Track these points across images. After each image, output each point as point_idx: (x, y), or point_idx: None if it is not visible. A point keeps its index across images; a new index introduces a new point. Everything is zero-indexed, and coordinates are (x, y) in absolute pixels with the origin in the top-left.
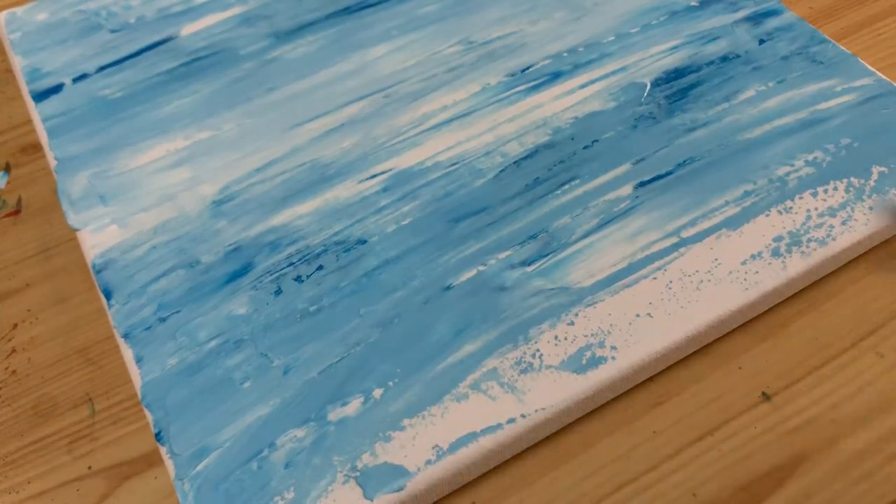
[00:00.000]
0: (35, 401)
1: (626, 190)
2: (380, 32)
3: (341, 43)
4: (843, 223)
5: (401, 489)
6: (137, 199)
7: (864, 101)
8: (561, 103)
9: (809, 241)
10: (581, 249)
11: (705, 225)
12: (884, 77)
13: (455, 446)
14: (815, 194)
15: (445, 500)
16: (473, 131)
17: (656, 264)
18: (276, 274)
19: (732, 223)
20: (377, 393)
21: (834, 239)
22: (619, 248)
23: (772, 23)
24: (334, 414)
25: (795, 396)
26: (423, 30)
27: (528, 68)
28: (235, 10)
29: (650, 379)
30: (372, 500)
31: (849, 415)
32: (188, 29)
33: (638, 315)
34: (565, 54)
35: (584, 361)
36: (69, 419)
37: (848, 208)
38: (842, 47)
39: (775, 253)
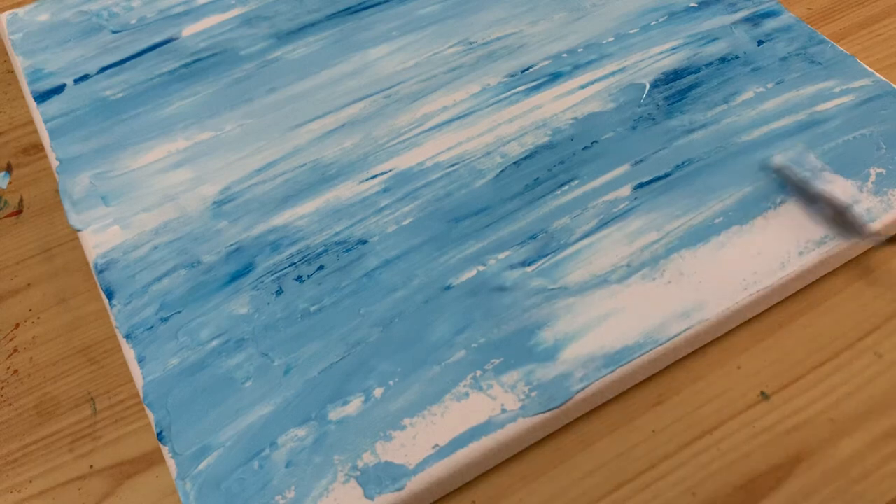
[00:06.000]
0: (37, 400)
1: (626, 191)
2: (380, 33)
3: (342, 44)
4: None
5: (401, 488)
6: (139, 199)
7: (862, 102)
8: (560, 104)
9: (807, 241)
10: (580, 250)
11: (704, 226)
12: (882, 78)
13: (455, 445)
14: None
15: (445, 499)
16: (473, 132)
17: (655, 264)
18: (277, 274)
19: (731, 224)
20: (378, 392)
21: (832, 239)
22: (619, 249)
23: (770, 24)
24: (335, 413)
25: (794, 396)
26: (424, 30)
27: (527, 69)
28: (236, 11)
29: (649, 378)
30: (372, 500)
31: (847, 414)
32: (189, 30)
33: (637, 315)
34: (565, 55)
35: (582, 361)
36: (71, 418)
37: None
38: (840, 48)
39: (774, 253)
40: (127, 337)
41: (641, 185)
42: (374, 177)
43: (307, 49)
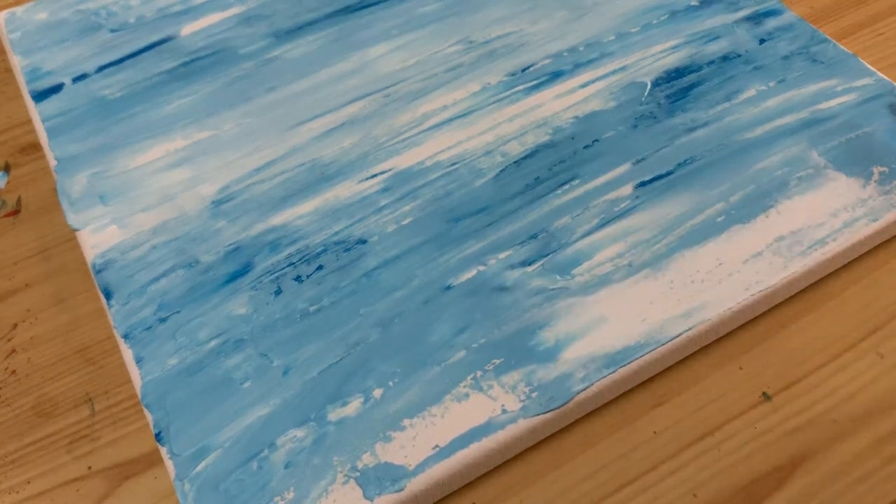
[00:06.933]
0: (35, 401)
1: (627, 190)
2: (380, 32)
3: (341, 42)
4: (844, 223)
5: (401, 489)
6: (137, 199)
7: (864, 101)
8: (561, 103)
9: (810, 241)
10: (581, 249)
11: (706, 225)
12: (884, 77)
13: (455, 446)
14: (815, 194)
15: (446, 500)
16: (473, 131)
17: (657, 264)
18: (276, 274)
19: (733, 223)
20: (377, 393)
21: (834, 239)
22: (620, 248)
23: (772, 22)
24: (334, 414)
25: (796, 396)
26: (423, 29)
27: (528, 68)
28: (235, 10)
29: (650, 379)
30: (372, 501)
31: (849, 415)
32: (188, 28)
33: (638, 315)
34: (565, 54)
35: (583, 361)
36: (69, 419)
37: (849, 208)
38: (842, 47)
39: (776, 253)
40: (125, 337)
41: (643, 184)
42: (374, 176)
43: (306, 48)
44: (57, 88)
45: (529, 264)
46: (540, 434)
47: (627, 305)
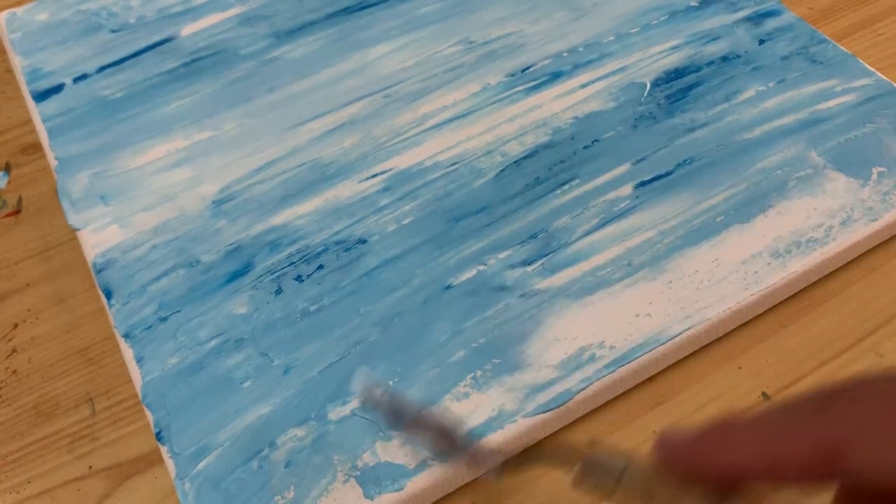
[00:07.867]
0: (36, 400)
1: (626, 190)
2: (380, 32)
3: (341, 43)
4: (843, 223)
5: (401, 489)
6: (138, 198)
7: (863, 102)
8: (561, 103)
9: (809, 241)
10: (581, 249)
11: (705, 225)
12: (883, 77)
13: None
14: (814, 194)
15: (445, 499)
16: (473, 131)
17: (656, 264)
18: (277, 273)
19: (732, 223)
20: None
21: (833, 239)
22: (619, 248)
23: (772, 23)
24: (335, 413)
25: None
26: (424, 30)
27: (528, 68)
28: (235, 10)
29: (650, 379)
30: (372, 500)
31: None
32: (188, 29)
33: (637, 315)
34: (565, 54)
35: (583, 361)
36: (70, 419)
37: (847, 209)
38: (841, 47)
39: (775, 253)
40: (125, 336)
41: (642, 184)
42: (374, 176)
43: (307, 48)
44: (57, 89)
45: (529, 264)
46: (540, 434)
47: (626, 305)
